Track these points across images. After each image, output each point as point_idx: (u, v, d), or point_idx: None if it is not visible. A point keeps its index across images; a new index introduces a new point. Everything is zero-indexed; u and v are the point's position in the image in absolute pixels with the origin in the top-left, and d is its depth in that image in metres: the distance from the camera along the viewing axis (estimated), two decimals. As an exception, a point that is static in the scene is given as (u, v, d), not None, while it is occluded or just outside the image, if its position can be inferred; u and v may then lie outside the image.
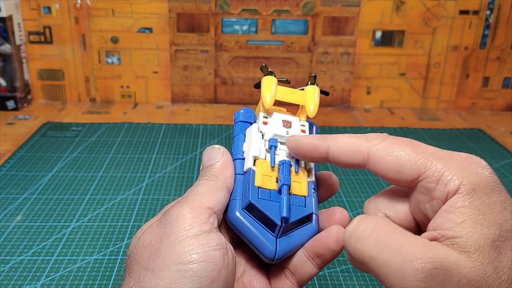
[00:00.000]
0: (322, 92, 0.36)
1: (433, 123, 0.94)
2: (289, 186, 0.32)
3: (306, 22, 0.94)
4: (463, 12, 0.95)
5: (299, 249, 0.33)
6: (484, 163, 0.26)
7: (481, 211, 0.24)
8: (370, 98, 1.00)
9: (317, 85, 0.36)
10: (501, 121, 0.96)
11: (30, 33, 0.93)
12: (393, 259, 0.24)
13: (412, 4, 0.94)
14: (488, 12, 0.95)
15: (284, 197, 0.31)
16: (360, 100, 1.00)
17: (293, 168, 0.33)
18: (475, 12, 0.95)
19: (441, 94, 1.01)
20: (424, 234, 0.26)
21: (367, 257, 0.25)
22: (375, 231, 0.26)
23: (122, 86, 0.98)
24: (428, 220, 0.27)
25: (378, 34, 0.96)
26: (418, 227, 0.29)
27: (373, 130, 0.88)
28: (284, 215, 0.31)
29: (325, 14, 0.94)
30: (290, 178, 0.32)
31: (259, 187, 0.32)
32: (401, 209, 0.29)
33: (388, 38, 0.96)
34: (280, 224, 0.31)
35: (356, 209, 0.61)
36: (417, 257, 0.24)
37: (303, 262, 0.33)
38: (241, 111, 0.36)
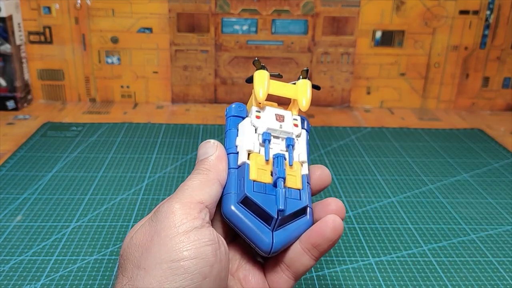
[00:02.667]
0: (314, 86, 0.36)
1: (433, 123, 0.94)
2: (284, 179, 0.32)
3: (306, 22, 0.94)
4: (463, 12, 0.95)
5: (294, 242, 0.33)
6: None
7: None
8: (370, 98, 1.00)
9: (309, 79, 0.36)
10: (501, 121, 0.96)
11: (30, 33, 0.93)
12: None
13: (412, 4, 0.94)
14: (488, 12, 0.95)
15: (280, 189, 0.31)
16: (360, 100, 1.00)
17: (287, 162, 0.33)
18: (475, 12, 0.95)
19: (441, 94, 1.01)
20: None
21: None
22: None
23: (122, 86, 0.98)
24: None
25: (378, 34, 0.96)
26: None
27: (373, 130, 0.88)
28: (280, 207, 0.31)
29: (325, 14, 0.94)
30: (285, 171, 0.32)
31: (254, 181, 0.32)
32: None
33: (388, 38, 0.96)
34: (276, 216, 0.31)
35: (356, 209, 0.61)
36: None
37: (299, 255, 0.32)
38: (233, 106, 0.36)
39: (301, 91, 0.35)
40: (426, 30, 0.96)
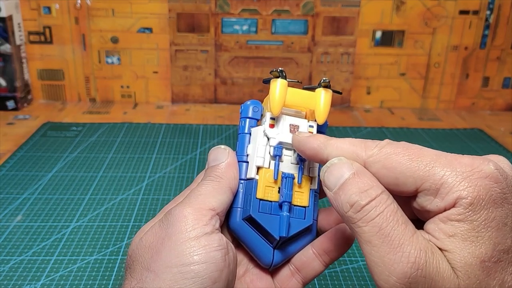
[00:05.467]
0: (335, 91, 0.34)
1: (433, 123, 0.94)
2: (289, 203, 0.32)
3: (306, 22, 0.94)
4: (463, 12, 0.95)
5: (295, 255, 0.33)
6: (489, 170, 0.24)
7: (476, 228, 0.23)
8: (370, 98, 1.00)
9: (330, 87, 0.34)
10: (501, 121, 0.96)
11: (30, 33, 0.93)
12: (387, 254, 0.24)
13: (412, 4, 0.94)
14: (488, 12, 0.95)
15: (284, 215, 0.31)
16: (360, 100, 1.00)
17: (295, 180, 0.32)
18: (475, 12, 0.95)
19: (441, 94, 1.01)
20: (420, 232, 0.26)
21: (365, 239, 0.25)
22: (383, 217, 0.25)
23: (122, 86, 0.98)
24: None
25: (378, 34, 0.96)
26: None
27: (373, 130, 0.88)
28: (282, 234, 0.31)
29: (325, 14, 0.94)
30: (292, 194, 0.32)
31: (260, 199, 0.32)
32: None
33: (388, 38, 0.96)
34: (278, 239, 0.31)
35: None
36: (410, 260, 0.23)
37: (311, 260, 0.33)
38: (248, 103, 0.34)
39: (318, 104, 0.33)
40: (426, 30, 0.96)
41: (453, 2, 0.94)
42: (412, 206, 0.27)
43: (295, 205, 0.32)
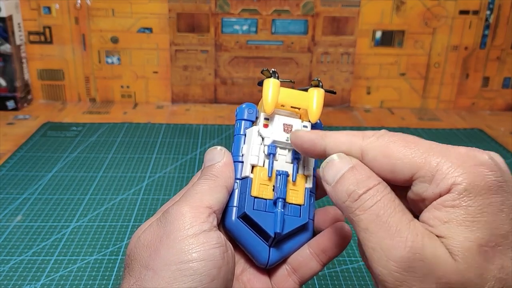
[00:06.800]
0: (329, 91, 0.35)
1: (433, 123, 0.94)
2: (284, 200, 0.32)
3: (306, 22, 0.94)
4: (463, 12, 0.95)
5: (292, 254, 0.33)
6: (484, 159, 0.24)
7: (471, 213, 0.23)
8: (370, 98, 1.00)
9: (322, 86, 0.34)
10: (501, 121, 0.96)
11: (30, 33, 0.93)
12: (385, 240, 0.24)
13: (412, 4, 0.94)
14: (488, 12, 0.95)
15: (278, 211, 0.31)
16: (360, 100, 1.00)
17: (290, 178, 0.33)
18: (475, 12, 0.95)
19: (441, 94, 1.01)
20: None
21: (362, 226, 0.25)
22: (380, 205, 0.25)
23: (122, 86, 0.98)
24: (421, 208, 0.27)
25: (378, 34, 0.96)
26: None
27: (373, 130, 0.88)
28: (277, 230, 0.31)
29: (325, 14, 0.94)
30: (286, 190, 0.32)
31: (255, 197, 0.32)
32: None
33: (388, 38, 0.96)
34: (273, 236, 0.32)
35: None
36: (407, 245, 0.23)
37: (307, 260, 0.33)
38: (244, 106, 0.35)
39: (311, 103, 0.34)
40: (426, 30, 0.96)
41: (453, 2, 0.94)
42: (408, 198, 0.27)
43: (290, 203, 0.32)
